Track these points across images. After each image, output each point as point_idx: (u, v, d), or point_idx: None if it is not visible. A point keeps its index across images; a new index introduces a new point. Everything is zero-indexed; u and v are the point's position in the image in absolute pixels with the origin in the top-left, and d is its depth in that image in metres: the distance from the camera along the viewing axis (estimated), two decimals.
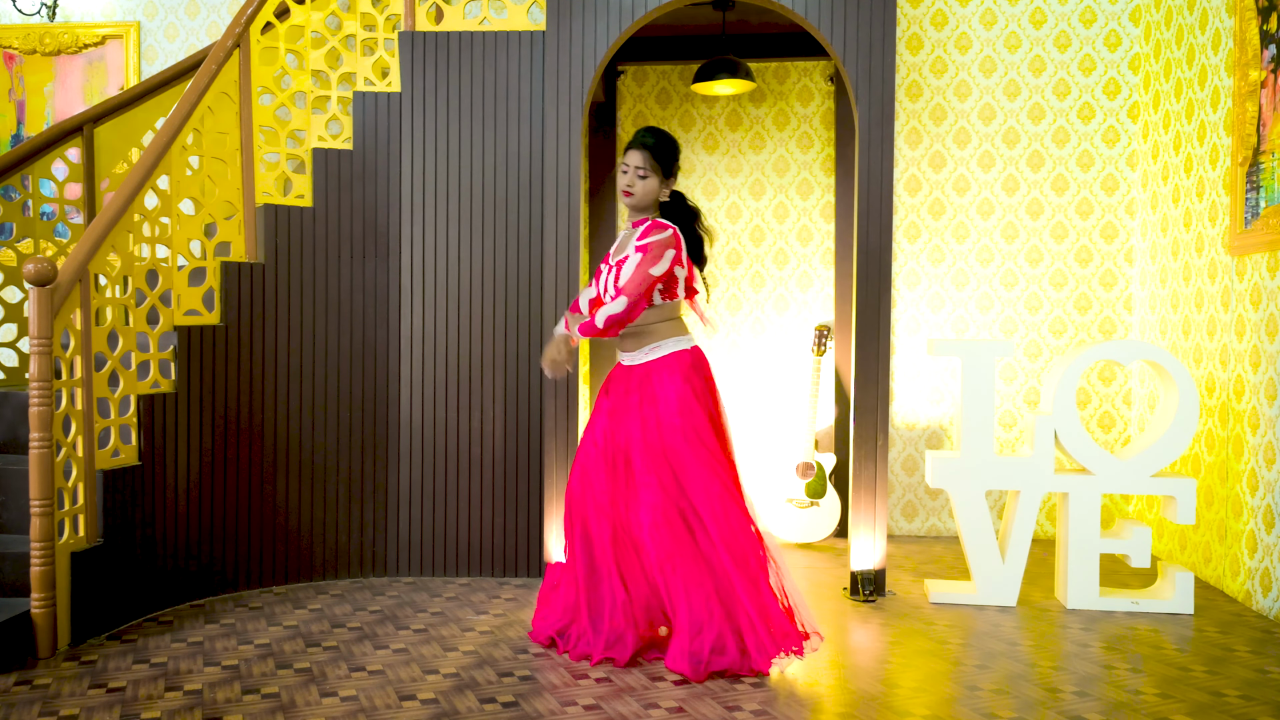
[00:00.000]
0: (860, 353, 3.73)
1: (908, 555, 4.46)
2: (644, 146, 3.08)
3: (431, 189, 4.03)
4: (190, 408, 3.61)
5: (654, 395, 3.04)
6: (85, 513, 3.18)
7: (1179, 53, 4.30)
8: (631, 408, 3.07)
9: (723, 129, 5.06)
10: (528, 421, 4.00)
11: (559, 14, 3.84)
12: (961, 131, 4.84)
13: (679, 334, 3.13)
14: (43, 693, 2.73)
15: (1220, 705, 2.68)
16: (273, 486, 3.85)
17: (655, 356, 3.09)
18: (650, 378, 3.07)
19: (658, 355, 3.09)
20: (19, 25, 5.15)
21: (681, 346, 3.10)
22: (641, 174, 3.08)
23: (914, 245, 4.88)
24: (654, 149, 3.08)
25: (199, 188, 3.71)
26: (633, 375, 3.13)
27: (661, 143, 3.10)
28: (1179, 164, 4.29)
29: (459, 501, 4.02)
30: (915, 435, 4.91)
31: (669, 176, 3.13)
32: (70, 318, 3.13)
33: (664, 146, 3.10)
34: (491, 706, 2.65)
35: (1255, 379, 3.64)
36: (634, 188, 3.08)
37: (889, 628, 3.38)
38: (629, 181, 3.09)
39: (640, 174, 3.08)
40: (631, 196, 3.10)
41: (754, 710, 2.63)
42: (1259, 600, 3.58)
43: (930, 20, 4.83)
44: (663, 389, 3.03)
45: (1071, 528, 3.61)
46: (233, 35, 3.78)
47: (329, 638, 3.24)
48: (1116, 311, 4.79)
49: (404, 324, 4.03)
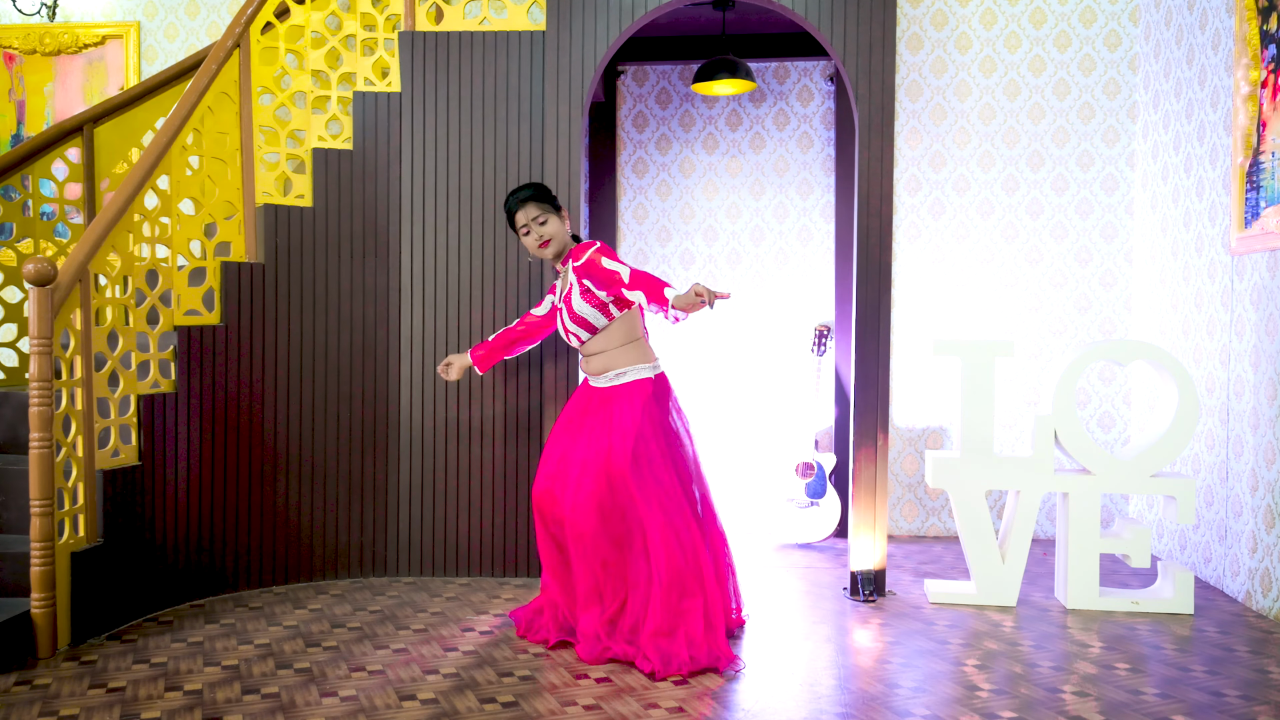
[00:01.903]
0: (860, 353, 3.73)
1: (908, 555, 4.46)
2: (524, 200, 3.22)
3: (431, 189, 4.03)
4: (190, 408, 3.61)
5: (610, 422, 3.09)
6: (85, 513, 3.18)
7: (1179, 52, 4.30)
8: (588, 428, 3.13)
9: (723, 129, 5.06)
10: (528, 421, 4.00)
11: (559, 14, 3.84)
12: (961, 131, 4.84)
13: (643, 360, 3.20)
14: (43, 693, 2.73)
15: (1220, 705, 2.68)
16: (273, 486, 3.85)
17: (619, 383, 3.16)
18: (611, 403, 3.14)
19: (621, 381, 3.16)
20: (19, 25, 5.15)
21: (644, 375, 3.17)
22: (541, 220, 3.21)
23: (914, 245, 4.88)
24: (534, 195, 3.22)
25: (199, 188, 3.71)
26: (594, 396, 3.21)
27: (534, 187, 3.25)
28: (1179, 164, 4.29)
29: (459, 501, 4.02)
30: (915, 435, 4.91)
31: (560, 209, 3.27)
32: (70, 318, 3.13)
33: (538, 189, 3.25)
34: (491, 706, 2.65)
35: (1255, 379, 3.64)
36: (545, 234, 3.22)
37: (889, 628, 3.38)
38: (537, 234, 3.22)
39: (540, 221, 3.21)
40: (549, 244, 3.23)
41: (754, 710, 2.63)
42: (1259, 600, 3.58)
43: (930, 20, 4.84)
44: (620, 417, 3.08)
45: (1071, 528, 3.61)
46: (233, 35, 3.78)
47: (329, 638, 3.24)
48: (1116, 311, 4.79)
49: (404, 324, 4.03)
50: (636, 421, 3.05)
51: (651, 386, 3.16)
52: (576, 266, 3.15)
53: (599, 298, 3.12)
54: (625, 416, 3.07)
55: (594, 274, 3.11)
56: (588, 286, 3.13)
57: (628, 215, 5.10)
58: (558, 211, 3.26)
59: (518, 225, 3.25)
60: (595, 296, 3.12)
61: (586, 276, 3.12)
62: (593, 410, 3.17)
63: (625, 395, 3.12)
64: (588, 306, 3.13)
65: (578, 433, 3.16)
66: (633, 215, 5.10)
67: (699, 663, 2.89)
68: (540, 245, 3.23)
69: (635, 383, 3.14)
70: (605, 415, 3.11)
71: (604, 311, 3.15)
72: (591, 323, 3.16)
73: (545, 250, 3.24)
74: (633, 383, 3.14)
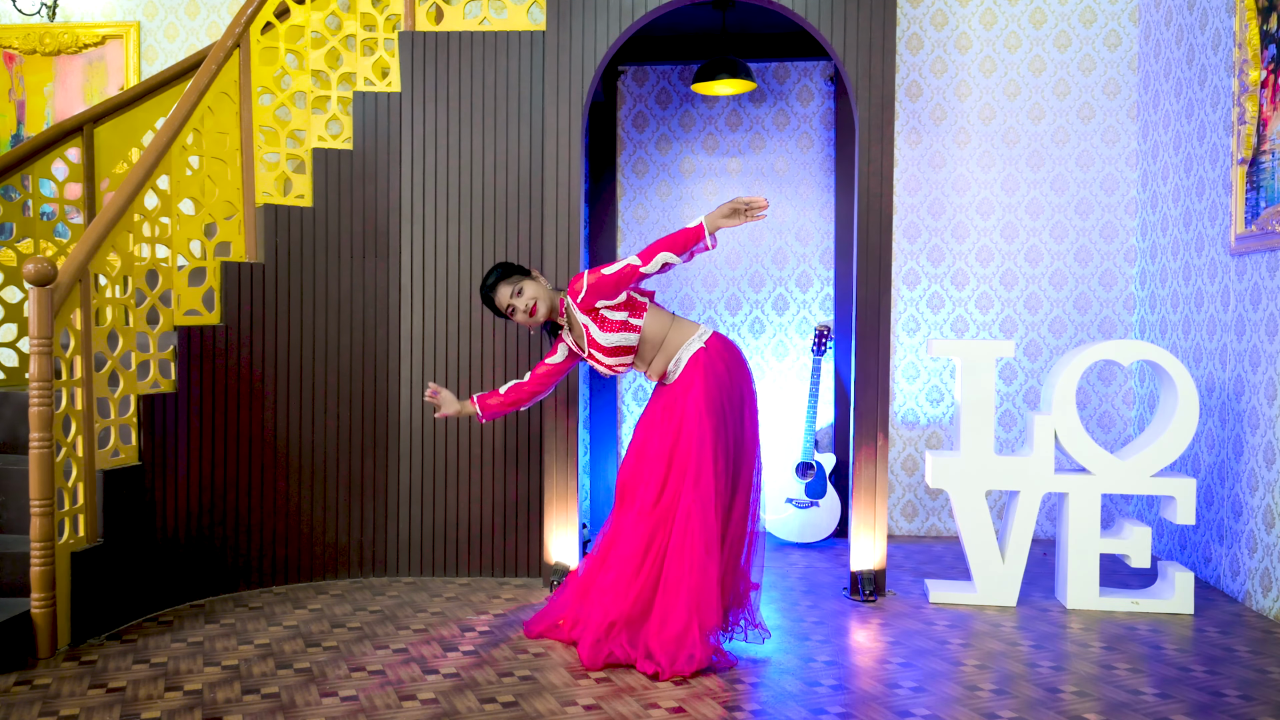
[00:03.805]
0: (860, 353, 3.73)
1: (908, 555, 4.46)
2: (493, 284, 3.20)
3: (431, 189, 4.03)
4: (190, 408, 3.61)
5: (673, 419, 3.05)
6: (85, 513, 3.18)
7: (1179, 52, 4.30)
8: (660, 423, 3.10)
9: (723, 129, 5.06)
10: (528, 421, 4.00)
11: (559, 14, 3.84)
12: (961, 131, 4.84)
13: (689, 335, 3.14)
14: (43, 693, 2.73)
15: (1220, 705, 2.68)
16: (273, 486, 3.85)
17: (680, 371, 3.12)
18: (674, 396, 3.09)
19: (680, 370, 3.12)
20: (19, 25, 5.15)
21: (695, 348, 3.11)
22: (517, 291, 3.17)
23: (914, 245, 4.88)
24: (501, 274, 3.19)
25: (199, 188, 3.71)
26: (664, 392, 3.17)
27: (497, 267, 3.23)
28: (1179, 164, 4.29)
29: (459, 501, 4.02)
30: (915, 435, 4.91)
31: (529, 272, 3.23)
32: (70, 318, 3.13)
33: (501, 267, 3.23)
34: (491, 706, 2.65)
35: (1255, 379, 3.64)
36: (528, 298, 3.16)
37: (889, 628, 3.38)
38: (522, 304, 3.17)
39: (517, 292, 3.17)
40: (537, 306, 3.17)
41: (754, 710, 2.63)
42: (1259, 600, 3.58)
43: (930, 20, 4.83)
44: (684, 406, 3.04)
45: (1071, 528, 3.61)
46: (233, 35, 3.78)
47: (329, 638, 3.24)
48: (1116, 311, 4.79)
49: (404, 324, 4.03)
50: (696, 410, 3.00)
51: (704, 356, 3.09)
52: (579, 304, 3.11)
53: (617, 319, 3.08)
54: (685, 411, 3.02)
55: (604, 289, 3.06)
56: (603, 315, 3.08)
57: (628, 215, 5.10)
58: (528, 275, 3.22)
59: (501, 308, 3.21)
60: (612, 320, 3.08)
61: (597, 300, 3.07)
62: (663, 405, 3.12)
63: (683, 385, 3.07)
64: (613, 334, 3.08)
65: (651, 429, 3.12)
66: (633, 215, 5.09)
67: (697, 662, 2.86)
68: (530, 314, 3.17)
69: (690, 363, 3.08)
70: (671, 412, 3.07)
71: (628, 329, 3.10)
72: (626, 345, 3.11)
73: (538, 314, 3.18)
74: (688, 365, 3.09)
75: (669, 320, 3.17)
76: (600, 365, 3.17)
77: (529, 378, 3.35)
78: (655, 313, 3.16)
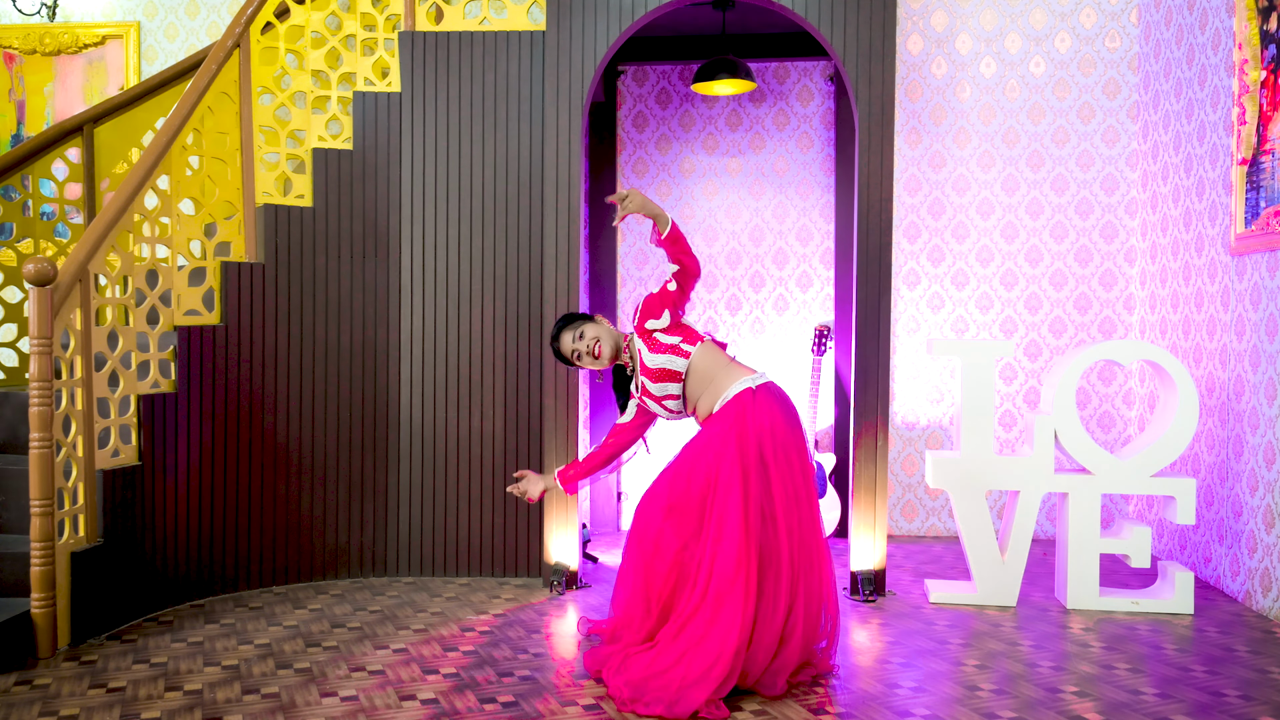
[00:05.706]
0: (860, 353, 3.73)
1: (908, 555, 4.46)
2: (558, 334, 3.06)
3: (431, 189, 4.03)
4: (190, 408, 3.61)
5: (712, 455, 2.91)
6: (85, 513, 3.18)
7: (1179, 52, 4.30)
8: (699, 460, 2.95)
9: (723, 129, 5.06)
10: (528, 421, 4.00)
11: (559, 14, 3.84)
12: (961, 131, 4.84)
13: (741, 375, 2.97)
14: (43, 693, 2.73)
15: (1220, 705, 2.68)
16: (272, 486, 3.85)
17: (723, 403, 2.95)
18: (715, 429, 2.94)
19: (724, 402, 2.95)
20: (19, 25, 5.15)
21: (743, 387, 2.94)
22: (580, 335, 3.02)
23: (914, 245, 4.88)
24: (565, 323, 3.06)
25: (199, 188, 3.71)
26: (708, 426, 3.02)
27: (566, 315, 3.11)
28: (1179, 163, 4.29)
29: (459, 501, 4.02)
30: (915, 435, 4.91)
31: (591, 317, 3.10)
32: (70, 318, 3.13)
33: (564, 318, 3.09)
34: (491, 706, 2.65)
35: (1255, 379, 3.64)
36: (589, 339, 3.01)
37: (889, 628, 3.38)
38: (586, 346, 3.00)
39: (579, 335, 3.01)
40: (600, 345, 3.01)
41: (754, 710, 2.63)
42: (1259, 600, 3.58)
43: (930, 20, 4.84)
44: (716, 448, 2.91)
45: (1071, 528, 3.61)
46: (233, 35, 3.78)
47: (329, 638, 3.24)
48: (1116, 311, 4.79)
49: (404, 324, 4.03)
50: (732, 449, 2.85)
51: (750, 399, 2.91)
52: (635, 327, 3.05)
53: (668, 343, 2.97)
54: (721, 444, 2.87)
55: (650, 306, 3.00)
56: (655, 337, 2.99)
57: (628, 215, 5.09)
58: (590, 319, 3.09)
59: (570, 357, 3.04)
60: (663, 343, 2.98)
61: (647, 319, 3.01)
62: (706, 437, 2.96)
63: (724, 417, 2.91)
64: (660, 355, 2.97)
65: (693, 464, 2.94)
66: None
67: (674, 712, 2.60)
68: (595, 355, 3.01)
69: (734, 399, 2.92)
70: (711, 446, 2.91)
71: (676, 352, 2.97)
72: (671, 369, 2.96)
73: (604, 354, 3.01)
74: (732, 400, 2.92)
75: (723, 361, 3.01)
76: (649, 397, 3.04)
77: (606, 439, 3.20)
78: (709, 349, 3.01)
